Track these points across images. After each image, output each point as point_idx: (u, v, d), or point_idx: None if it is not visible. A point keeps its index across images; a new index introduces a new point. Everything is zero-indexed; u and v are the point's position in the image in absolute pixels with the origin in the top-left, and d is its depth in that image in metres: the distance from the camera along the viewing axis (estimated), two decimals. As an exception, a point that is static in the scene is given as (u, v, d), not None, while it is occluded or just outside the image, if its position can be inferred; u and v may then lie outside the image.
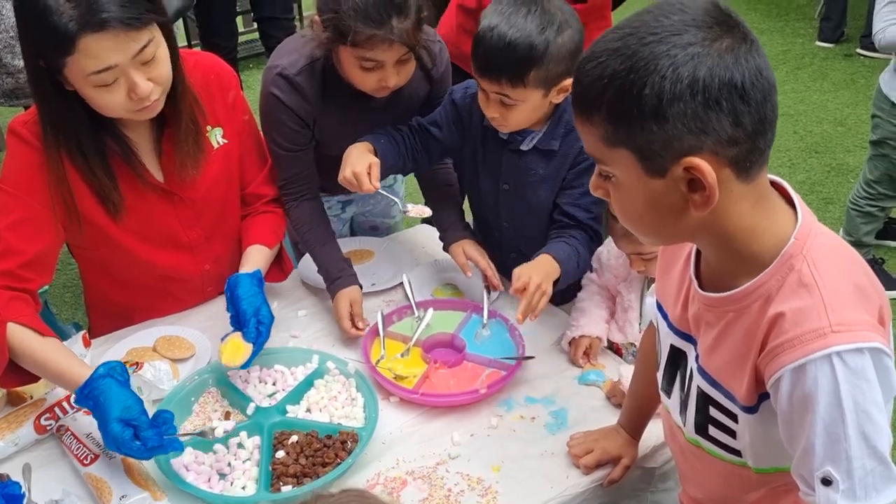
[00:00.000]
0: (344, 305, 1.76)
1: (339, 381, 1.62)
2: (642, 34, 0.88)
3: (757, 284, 0.98)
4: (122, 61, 1.39)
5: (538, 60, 1.55)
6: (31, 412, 1.53)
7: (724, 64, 0.87)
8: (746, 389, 1.01)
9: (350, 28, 1.57)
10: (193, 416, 1.57)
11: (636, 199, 0.96)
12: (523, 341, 1.70)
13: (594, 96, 0.91)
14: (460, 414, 1.58)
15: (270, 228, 1.82)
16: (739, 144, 0.90)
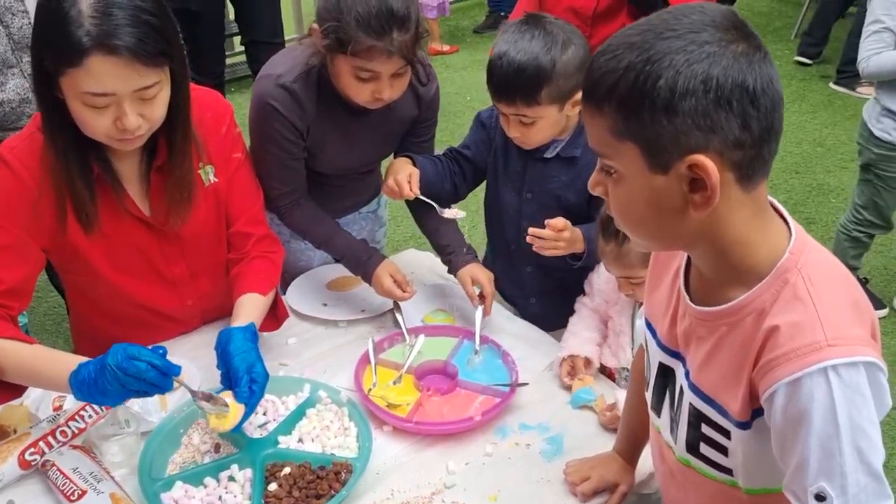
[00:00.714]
0: (387, 280, 1.82)
1: (332, 411, 1.59)
2: (661, 30, 0.90)
3: (751, 298, 0.98)
4: (122, 92, 1.38)
5: (547, 78, 1.66)
6: (14, 447, 1.49)
7: (738, 66, 0.88)
8: (740, 404, 1.00)
9: (351, 37, 1.62)
10: (182, 448, 1.54)
11: (637, 196, 0.96)
12: (516, 367, 1.69)
13: (607, 86, 0.91)
14: (454, 442, 1.56)
15: (265, 275, 1.73)
16: (745, 149, 0.90)
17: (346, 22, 1.62)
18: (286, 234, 2.12)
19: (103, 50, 1.33)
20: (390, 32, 1.62)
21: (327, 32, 1.65)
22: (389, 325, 1.91)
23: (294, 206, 1.90)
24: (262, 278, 1.72)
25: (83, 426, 1.53)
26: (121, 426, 1.53)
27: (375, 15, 1.61)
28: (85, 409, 1.54)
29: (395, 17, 1.62)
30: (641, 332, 1.66)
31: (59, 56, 1.36)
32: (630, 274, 1.58)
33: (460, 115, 4.88)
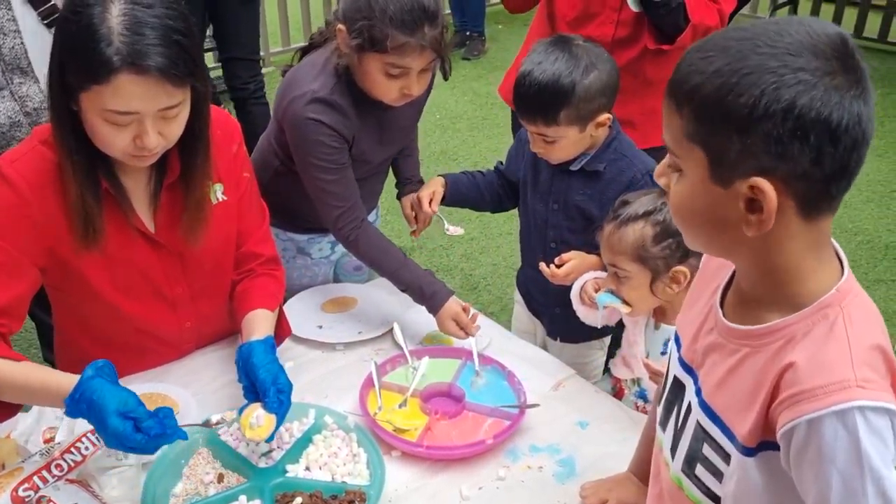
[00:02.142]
0: (451, 326, 1.80)
1: (339, 437, 1.55)
2: (759, 43, 0.87)
3: (784, 324, 0.96)
4: (146, 111, 1.35)
5: (567, 100, 1.72)
6: (6, 482, 1.41)
7: (826, 99, 0.85)
8: (748, 429, 0.98)
9: (386, 35, 1.66)
10: (184, 479, 1.48)
11: (694, 200, 0.95)
12: (524, 388, 1.67)
13: (690, 87, 0.90)
14: (465, 466, 1.53)
15: (271, 292, 1.72)
16: (811, 183, 0.88)
17: (379, 20, 1.66)
18: (292, 249, 2.09)
19: (133, 69, 1.30)
20: (422, 28, 1.67)
21: (359, 32, 1.68)
22: (388, 347, 1.87)
23: (359, 230, 1.85)
24: (269, 295, 1.71)
25: (80, 459, 1.45)
26: (119, 458, 1.47)
27: (408, 11, 1.66)
28: (81, 440, 1.46)
29: (426, 12, 1.67)
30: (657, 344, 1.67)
31: (85, 72, 1.32)
32: (616, 262, 1.61)
33: (430, 133, 4.87)
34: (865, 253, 3.66)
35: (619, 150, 1.86)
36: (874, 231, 3.83)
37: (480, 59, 5.88)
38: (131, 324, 1.66)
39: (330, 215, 1.85)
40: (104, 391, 1.32)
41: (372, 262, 1.92)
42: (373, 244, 1.87)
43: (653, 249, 1.54)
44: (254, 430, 1.42)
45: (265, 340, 1.55)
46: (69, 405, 1.34)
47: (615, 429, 1.62)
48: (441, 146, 4.69)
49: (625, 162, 1.85)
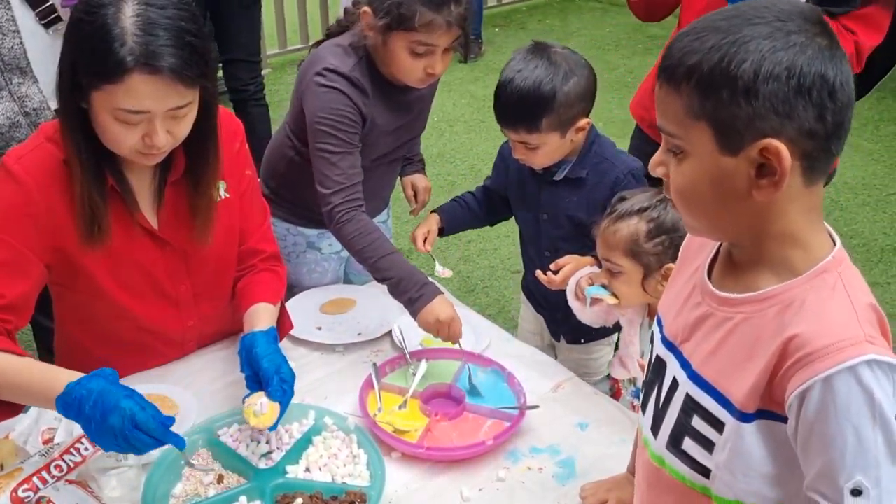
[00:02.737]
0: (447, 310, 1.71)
1: (339, 438, 1.55)
2: (749, 16, 0.91)
3: (783, 289, 0.98)
4: (157, 110, 1.36)
5: (548, 107, 1.74)
6: (5, 483, 1.41)
7: (821, 58, 0.90)
8: (746, 395, 0.99)
9: (414, 12, 1.72)
10: (184, 480, 1.48)
11: (701, 177, 0.96)
12: (523, 390, 1.67)
13: (689, 66, 0.92)
14: (465, 468, 1.53)
15: (273, 287, 1.73)
16: (816, 140, 0.92)
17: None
18: (302, 244, 2.10)
19: (146, 70, 1.31)
20: (448, 5, 1.73)
21: (387, 11, 1.73)
22: (387, 349, 1.87)
23: (355, 212, 1.81)
24: (270, 289, 1.72)
25: (79, 459, 1.45)
26: (118, 459, 1.47)
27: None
28: (81, 441, 1.46)
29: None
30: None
31: (98, 71, 1.32)
32: (610, 256, 1.62)
33: (427, 135, 4.78)
34: (861, 256, 3.67)
35: (599, 153, 1.89)
36: (870, 234, 3.84)
37: (477, 62, 5.89)
38: (134, 322, 1.66)
39: (329, 190, 1.81)
40: (105, 391, 1.30)
41: (358, 244, 1.81)
42: (368, 227, 1.82)
43: (646, 245, 1.55)
44: (258, 418, 1.44)
45: (268, 331, 1.56)
46: (59, 402, 1.31)
47: (614, 430, 1.62)
48: (438, 148, 4.69)
49: (606, 164, 1.88)
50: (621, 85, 5.43)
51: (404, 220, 3.96)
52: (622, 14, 6.84)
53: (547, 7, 7.11)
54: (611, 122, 4.96)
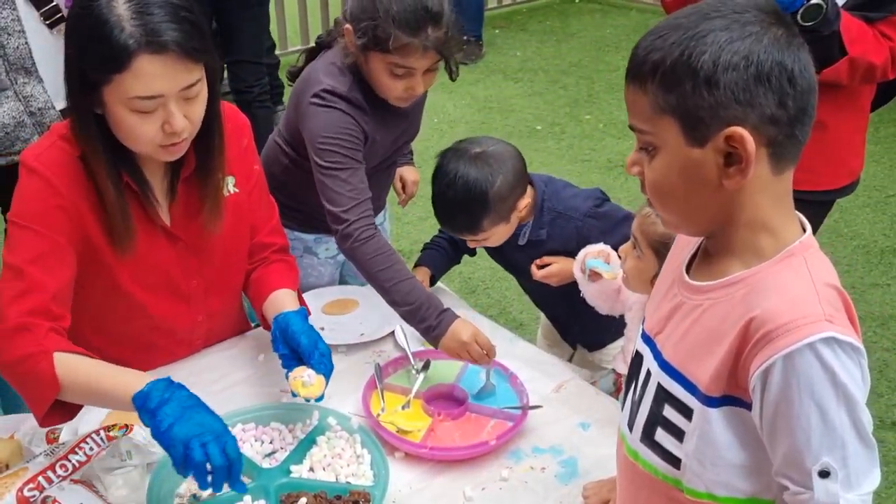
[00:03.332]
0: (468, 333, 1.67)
1: (343, 438, 1.55)
2: (706, 10, 0.95)
3: (747, 274, 0.99)
4: (169, 92, 1.36)
5: (483, 211, 1.81)
6: (11, 482, 1.41)
7: (778, 47, 0.93)
8: (710, 377, 1.00)
9: (389, 35, 1.68)
10: (188, 479, 1.48)
11: (671, 170, 0.99)
12: (526, 390, 1.68)
13: (651, 63, 0.96)
14: (468, 468, 1.54)
15: (289, 275, 1.77)
16: (780, 126, 0.94)
17: (383, 20, 1.68)
18: (299, 248, 2.10)
19: (150, 49, 1.32)
20: (425, 29, 1.69)
21: (363, 32, 1.71)
22: (390, 349, 1.88)
23: (373, 230, 1.77)
24: (287, 277, 1.76)
25: (84, 459, 1.45)
26: (123, 458, 1.48)
27: (412, 12, 1.68)
28: (86, 441, 1.47)
29: (429, 13, 1.69)
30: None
31: (103, 63, 1.33)
32: (639, 239, 1.60)
33: (428, 137, 4.87)
34: (861, 257, 3.68)
35: (552, 208, 1.91)
36: (870, 235, 3.85)
37: (478, 64, 5.90)
38: (147, 321, 1.67)
39: (342, 207, 1.76)
40: (193, 408, 1.32)
41: (376, 266, 1.75)
42: (386, 248, 1.76)
43: None
44: (307, 388, 1.49)
45: (299, 311, 1.61)
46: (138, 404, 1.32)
47: (616, 430, 1.61)
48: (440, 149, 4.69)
49: (562, 219, 1.91)
50: (621, 87, 5.38)
51: (405, 220, 3.98)
52: (622, 15, 6.86)
53: (547, 8, 7.12)
54: (611, 124, 4.97)
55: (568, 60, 5.86)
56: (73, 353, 1.41)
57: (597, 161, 4.52)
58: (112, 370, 1.41)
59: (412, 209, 4.08)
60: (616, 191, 4.12)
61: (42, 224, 1.46)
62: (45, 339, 1.40)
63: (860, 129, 2.14)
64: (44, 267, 1.45)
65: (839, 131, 2.01)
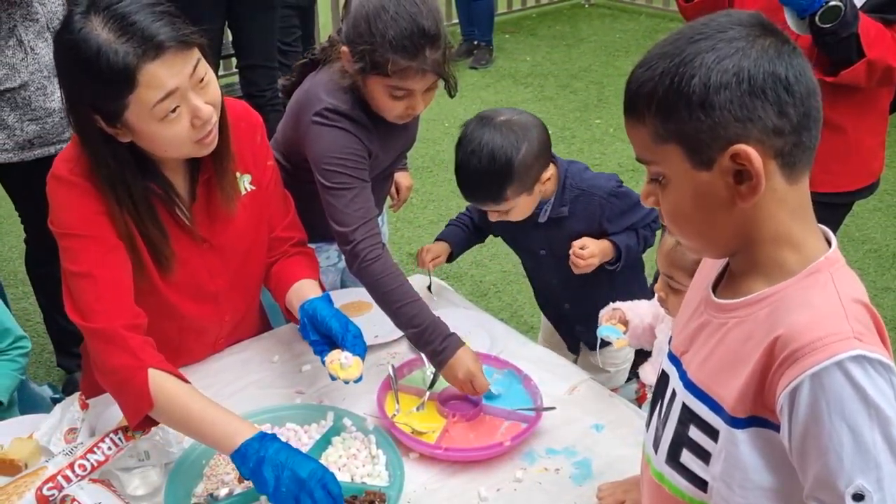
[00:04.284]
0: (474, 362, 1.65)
1: (358, 438, 1.57)
2: (690, 34, 0.95)
3: (771, 292, 0.98)
4: (181, 84, 1.37)
5: (507, 179, 1.80)
6: (30, 482, 1.44)
7: (767, 57, 0.92)
8: (736, 398, 0.98)
9: (387, 59, 1.67)
10: (205, 479, 1.50)
11: (684, 196, 0.98)
12: (539, 392, 1.68)
13: (644, 95, 0.96)
14: (482, 469, 1.54)
15: (310, 265, 1.79)
16: (785, 136, 0.93)
17: (379, 45, 1.66)
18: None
19: (150, 56, 1.33)
20: (423, 51, 1.67)
21: (361, 56, 1.69)
22: (404, 350, 1.89)
23: (381, 250, 1.77)
24: (308, 267, 1.77)
25: (103, 459, 1.47)
26: (141, 458, 1.49)
27: (408, 36, 1.66)
28: (104, 440, 1.49)
29: (426, 36, 1.67)
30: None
31: (114, 91, 1.34)
32: (673, 274, 1.59)
33: (438, 141, 4.90)
34: (873, 262, 3.67)
35: (575, 186, 1.92)
36: (882, 240, 3.84)
37: (488, 69, 5.92)
38: (177, 321, 1.68)
39: (349, 227, 1.76)
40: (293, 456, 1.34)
41: (382, 286, 1.75)
42: (394, 269, 1.76)
43: None
44: (346, 370, 1.51)
45: (324, 296, 1.63)
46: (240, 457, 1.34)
47: (630, 432, 1.63)
48: (449, 154, 4.66)
49: (584, 196, 1.92)
50: (631, 91, 5.45)
51: (416, 224, 3.99)
52: (632, 20, 6.87)
53: (557, 13, 7.14)
54: (620, 128, 4.92)
55: (578, 65, 5.87)
56: (168, 373, 1.44)
57: (607, 165, 4.52)
58: (210, 414, 1.41)
59: (421, 213, 4.10)
60: (626, 195, 4.13)
61: (92, 229, 1.48)
62: (140, 351, 1.44)
63: (880, 132, 2.13)
64: (111, 266, 1.48)
65: (858, 133, 2.02)
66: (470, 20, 6.04)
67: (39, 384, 2.46)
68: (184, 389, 1.44)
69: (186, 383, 1.46)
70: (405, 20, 1.66)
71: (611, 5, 7.24)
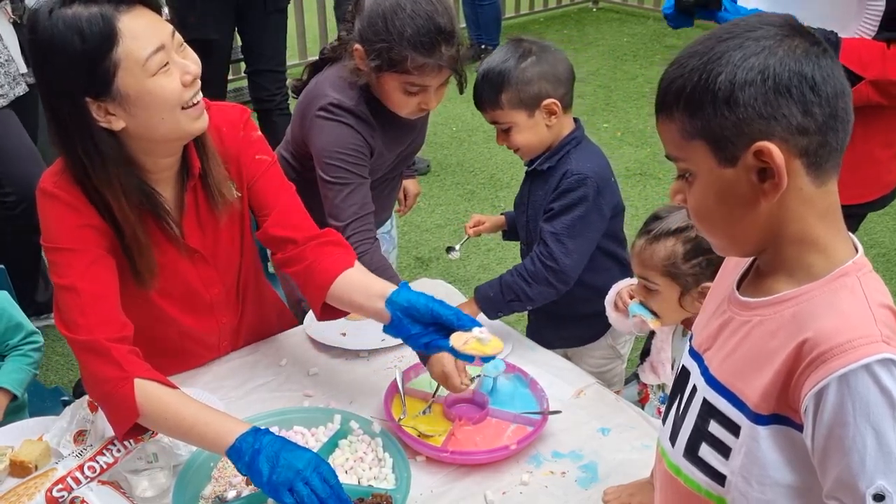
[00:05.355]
0: (449, 361, 1.62)
1: (364, 441, 1.57)
2: (720, 34, 0.96)
3: (798, 293, 0.98)
4: (165, 41, 1.38)
5: (504, 83, 1.82)
6: (40, 483, 1.45)
7: (794, 57, 0.93)
8: (759, 395, 0.99)
9: (404, 57, 1.74)
10: (213, 481, 1.51)
11: (709, 193, 0.99)
12: (546, 395, 1.69)
13: (675, 91, 0.97)
14: (489, 472, 1.55)
15: (344, 255, 1.64)
16: (809, 135, 0.93)
17: (397, 43, 1.72)
18: None
19: (123, 8, 1.34)
20: (440, 48, 1.74)
21: (378, 54, 1.74)
22: (411, 354, 1.88)
23: (372, 244, 1.81)
24: (340, 258, 1.63)
25: (112, 461, 1.49)
26: (149, 460, 1.50)
27: (425, 34, 1.72)
28: (113, 442, 1.50)
29: (443, 32, 1.74)
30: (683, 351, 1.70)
31: (100, 50, 1.33)
32: (647, 275, 1.62)
33: (446, 145, 4.91)
34: (881, 266, 3.66)
35: (570, 154, 1.91)
36: (890, 244, 3.83)
37: (496, 73, 5.92)
38: (176, 327, 1.70)
39: (342, 222, 1.81)
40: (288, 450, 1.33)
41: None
42: (378, 263, 1.82)
43: (683, 266, 1.55)
44: (490, 345, 1.42)
45: (404, 285, 1.55)
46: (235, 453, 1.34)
47: (636, 436, 1.63)
48: (457, 158, 4.72)
49: (563, 160, 1.90)
50: (639, 95, 5.44)
51: (423, 227, 4.00)
52: (640, 24, 6.87)
53: (564, 17, 7.15)
54: (629, 132, 4.98)
55: (585, 69, 5.87)
56: (154, 381, 1.43)
57: (615, 169, 4.50)
58: (203, 416, 1.41)
59: (429, 217, 4.11)
60: (634, 199, 4.13)
61: (76, 242, 1.48)
62: (125, 362, 1.44)
63: (891, 143, 2.13)
64: (94, 279, 1.48)
65: (867, 145, 2.01)
66: (477, 24, 6.05)
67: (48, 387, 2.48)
68: (174, 395, 1.44)
69: (175, 389, 1.45)
70: (422, 18, 1.72)
71: (618, 9, 7.25)
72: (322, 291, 1.61)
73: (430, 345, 1.49)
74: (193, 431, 1.40)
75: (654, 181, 4.39)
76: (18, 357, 2.01)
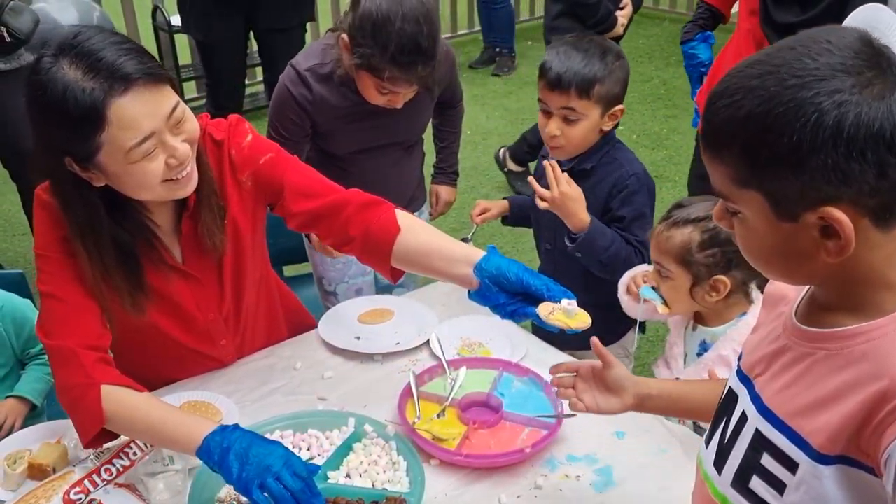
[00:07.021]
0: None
1: (378, 445, 1.57)
2: (783, 75, 0.84)
3: (869, 328, 0.91)
4: (159, 126, 1.34)
5: (603, 76, 1.90)
6: (58, 486, 1.47)
7: (872, 113, 0.82)
8: (829, 437, 0.93)
9: (383, 68, 1.86)
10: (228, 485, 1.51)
11: (763, 241, 0.92)
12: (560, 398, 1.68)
13: (727, 134, 0.88)
14: (503, 476, 1.55)
15: (388, 206, 1.62)
16: (882, 195, 0.85)
17: (379, 54, 1.84)
18: None
19: (118, 90, 1.29)
20: (415, 67, 1.87)
21: (360, 56, 1.88)
22: (425, 358, 1.89)
23: None
24: (390, 216, 1.59)
25: (128, 464, 1.50)
26: (165, 463, 1.51)
27: (407, 53, 1.84)
28: (129, 445, 1.52)
29: (421, 53, 1.85)
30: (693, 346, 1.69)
31: (83, 129, 1.30)
32: (661, 260, 1.64)
33: (461, 148, 4.82)
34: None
35: (611, 154, 2.01)
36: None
37: (511, 76, 5.93)
38: (176, 344, 1.70)
39: None
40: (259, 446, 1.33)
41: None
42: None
43: (697, 255, 1.56)
44: (576, 318, 1.39)
45: (492, 249, 1.50)
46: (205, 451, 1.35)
47: (651, 439, 1.63)
48: (472, 161, 4.72)
49: (615, 164, 1.99)
50: (654, 97, 5.42)
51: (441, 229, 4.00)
52: (655, 25, 6.84)
53: (579, 20, 7.13)
54: (644, 134, 4.96)
55: (600, 71, 5.86)
56: (122, 387, 1.44)
57: (630, 172, 4.51)
58: (172, 418, 1.42)
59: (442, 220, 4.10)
60: (650, 201, 4.12)
61: (61, 251, 1.48)
62: (93, 370, 1.44)
63: None
64: (75, 289, 1.48)
65: None
66: (492, 27, 6.06)
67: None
68: (142, 399, 1.44)
69: (144, 393, 1.45)
70: (406, 37, 1.82)
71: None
72: (386, 259, 1.58)
73: (517, 312, 1.46)
74: (163, 434, 1.41)
75: (670, 184, 4.37)
76: (39, 366, 2.02)
